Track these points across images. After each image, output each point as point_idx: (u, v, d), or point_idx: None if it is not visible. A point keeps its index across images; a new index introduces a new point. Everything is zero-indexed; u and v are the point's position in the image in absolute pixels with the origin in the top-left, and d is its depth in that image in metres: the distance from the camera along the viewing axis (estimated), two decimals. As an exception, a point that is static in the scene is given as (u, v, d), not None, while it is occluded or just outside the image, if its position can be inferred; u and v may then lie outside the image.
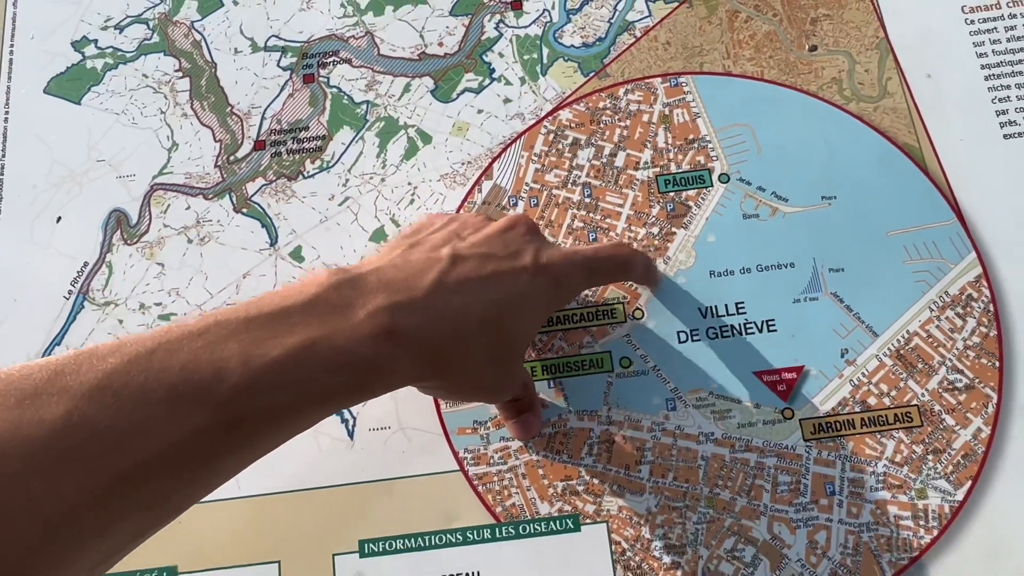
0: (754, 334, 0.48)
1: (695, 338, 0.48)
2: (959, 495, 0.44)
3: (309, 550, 0.45)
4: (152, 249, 0.53)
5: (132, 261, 0.53)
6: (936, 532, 0.43)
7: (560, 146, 0.53)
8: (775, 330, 0.48)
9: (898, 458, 0.45)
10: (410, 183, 0.53)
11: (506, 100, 0.54)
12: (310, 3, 0.58)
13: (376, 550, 0.45)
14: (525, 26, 0.57)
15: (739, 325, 0.48)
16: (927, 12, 0.55)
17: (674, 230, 0.50)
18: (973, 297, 0.47)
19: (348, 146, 0.54)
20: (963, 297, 0.47)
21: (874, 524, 0.44)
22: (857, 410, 0.46)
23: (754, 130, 0.52)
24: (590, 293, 0.49)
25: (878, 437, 0.45)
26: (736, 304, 0.48)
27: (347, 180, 0.53)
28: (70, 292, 0.52)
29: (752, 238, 0.50)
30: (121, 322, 0.51)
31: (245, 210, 0.53)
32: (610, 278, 0.47)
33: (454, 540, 0.45)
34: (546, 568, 0.44)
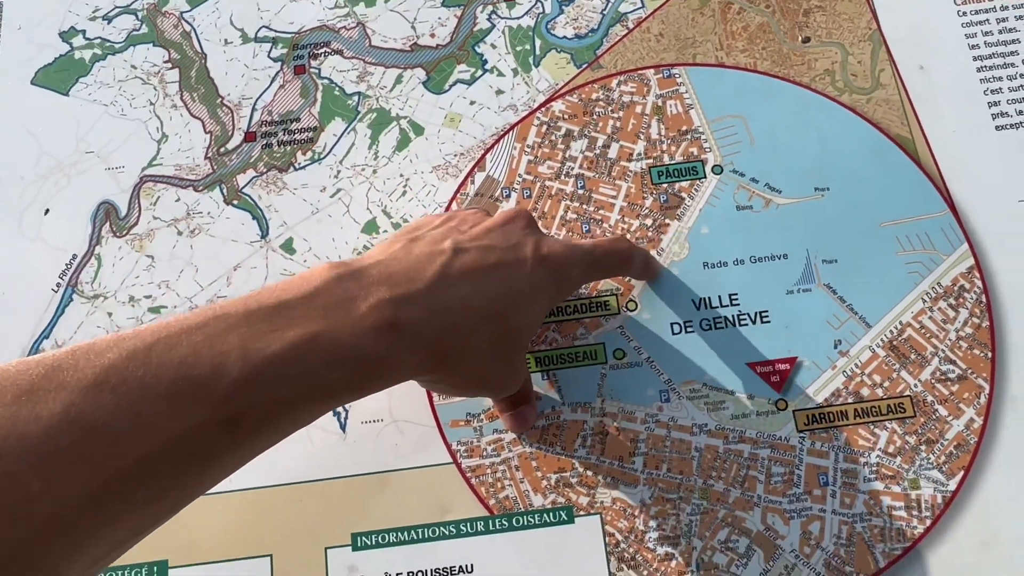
0: (748, 325, 0.48)
1: (689, 329, 0.48)
2: (952, 485, 0.44)
3: (301, 544, 0.45)
4: (142, 241, 0.52)
5: (121, 253, 0.52)
6: (929, 522, 0.44)
7: (553, 137, 0.52)
8: (768, 321, 0.48)
9: (891, 449, 0.45)
10: (402, 175, 0.53)
11: (499, 91, 0.54)
12: (301, -6, 0.58)
13: (369, 543, 0.45)
14: (518, 17, 0.56)
15: (733, 316, 0.48)
16: (919, 4, 0.55)
17: (668, 221, 0.50)
18: (965, 288, 0.47)
19: (340, 138, 0.54)
20: (955, 288, 0.48)
21: (867, 514, 0.44)
22: (850, 401, 0.46)
23: (747, 121, 0.52)
24: (584, 285, 0.49)
25: (871, 428, 0.45)
26: (730, 295, 0.48)
27: (339, 172, 0.53)
28: (58, 285, 0.52)
29: (745, 229, 0.50)
30: (110, 315, 0.51)
31: (236, 202, 0.53)
32: (610, 272, 0.47)
33: (447, 533, 0.45)
34: (540, 560, 0.44)
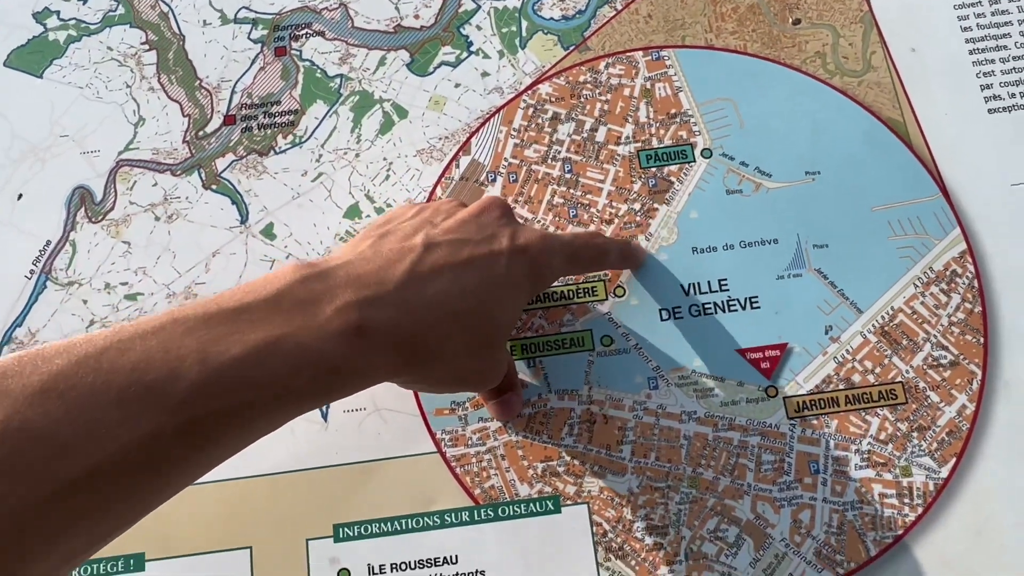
0: (737, 311, 0.47)
1: (677, 316, 0.47)
2: (944, 472, 0.43)
3: (282, 535, 0.44)
4: (118, 227, 0.51)
5: (97, 239, 0.51)
6: (921, 510, 0.43)
7: (540, 120, 0.51)
8: (758, 307, 0.47)
9: (882, 436, 0.44)
10: (385, 159, 0.52)
11: (484, 74, 0.53)
12: (282, -26, 0.57)
13: (351, 534, 0.44)
14: (503, -2, 0.55)
15: (722, 302, 0.47)
16: (911, -14, 0.54)
17: (656, 206, 0.49)
18: (958, 273, 0.47)
19: (321, 121, 0.53)
20: (947, 273, 0.47)
21: (858, 502, 0.43)
22: (841, 387, 0.45)
23: (737, 104, 0.51)
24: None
25: (862, 415, 0.45)
26: (719, 281, 0.47)
27: (320, 156, 0.52)
28: (32, 272, 0.50)
29: (735, 214, 0.49)
30: (85, 302, 0.49)
31: (215, 187, 0.52)
32: (589, 266, 0.46)
33: (432, 523, 0.44)
34: (526, 551, 0.43)
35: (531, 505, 0.44)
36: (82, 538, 0.28)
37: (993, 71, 0.51)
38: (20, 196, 0.52)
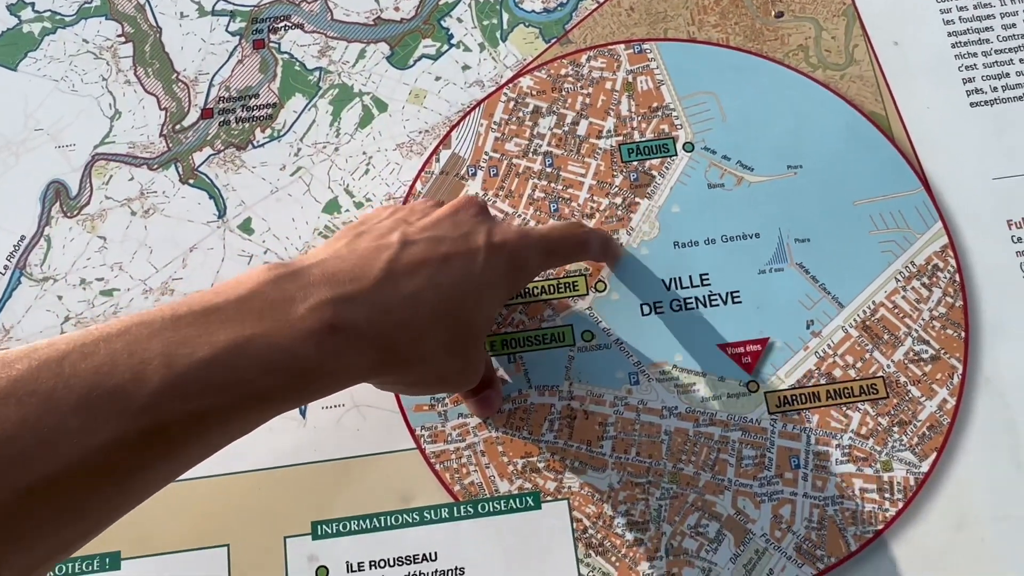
0: (719, 306, 0.47)
1: (658, 310, 0.47)
2: (924, 467, 0.43)
3: (259, 533, 0.44)
4: (93, 222, 0.50)
5: (72, 234, 0.50)
6: (901, 504, 0.43)
7: (521, 114, 0.51)
8: (740, 302, 0.47)
9: (863, 430, 0.44)
10: (365, 152, 0.51)
11: (465, 67, 0.53)
12: (260, -34, 0.56)
13: (330, 532, 0.44)
14: (485, -9, 0.55)
15: (703, 297, 0.47)
16: (894, -21, 0.54)
17: (637, 200, 0.49)
18: (939, 267, 0.47)
19: (300, 114, 0.52)
20: (929, 267, 0.47)
21: (839, 497, 0.43)
22: (822, 382, 0.45)
23: (719, 98, 0.51)
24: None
25: (843, 409, 0.44)
26: (700, 275, 0.47)
27: (299, 149, 0.51)
28: (6, 267, 0.50)
29: (717, 208, 0.48)
30: (60, 298, 0.49)
31: (192, 181, 0.51)
32: (568, 258, 0.45)
33: (411, 520, 0.44)
34: (506, 547, 0.43)
35: (511, 501, 0.44)
36: (42, 548, 0.27)
37: (975, 65, 0.51)
38: (-6, 191, 0.51)
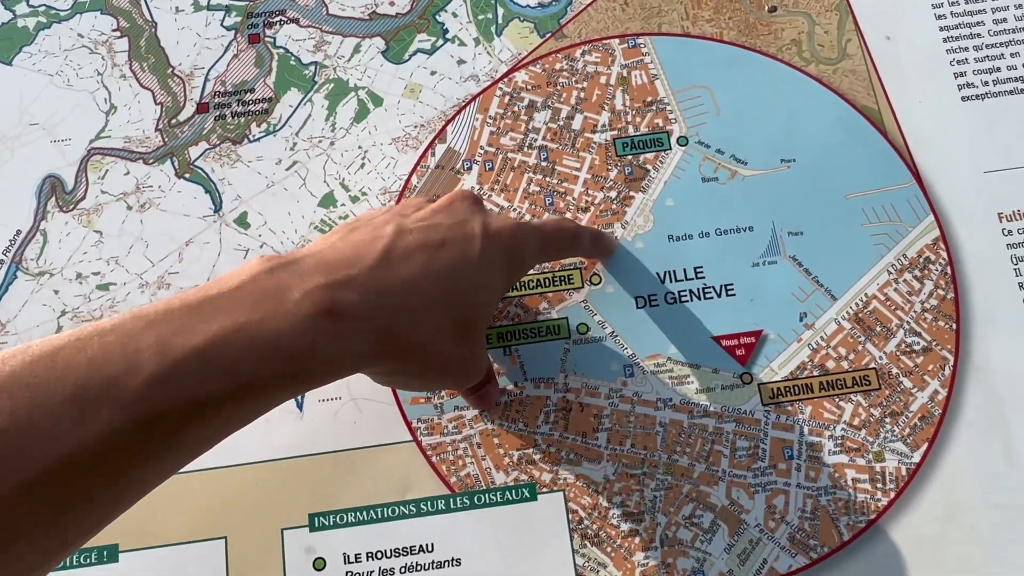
0: (713, 299, 0.47)
1: (653, 303, 0.47)
2: (916, 457, 0.44)
3: (257, 525, 0.44)
4: (89, 216, 0.50)
5: (68, 229, 0.50)
6: (893, 494, 0.43)
7: (516, 108, 0.51)
8: (734, 294, 0.47)
9: (856, 421, 0.44)
10: (360, 147, 0.51)
11: (460, 61, 0.53)
12: (255, -40, 0.56)
13: (327, 524, 0.44)
14: (480, -15, 0.55)
15: (698, 290, 0.47)
16: (886, -26, 0.54)
17: (632, 194, 0.49)
18: (931, 260, 0.47)
19: (296, 109, 0.52)
20: (921, 260, 0.47)
21: (832, 487, 0.43)
22: (815, 374, 0.45)
23: (713, 92, 0.51)
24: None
25: (836, 401, 0.45)
26: (695, 268, 0.48)
27: (295, 144, 0.51)
28: (1, 262, 0.50)
29: (711, 202, 0.49)
30: (57, 292, 0.49)
31: (188, 175, 0.51)
32: (562, 251, 0.45)
33: (407, 512, 0.44)
34: (502, 538, 0.43)
35: (507, 493, 0.44)
36: (44, 544, 0.27)
37: (967, 59, 0.52)
38: (-11, 185, 0.51)
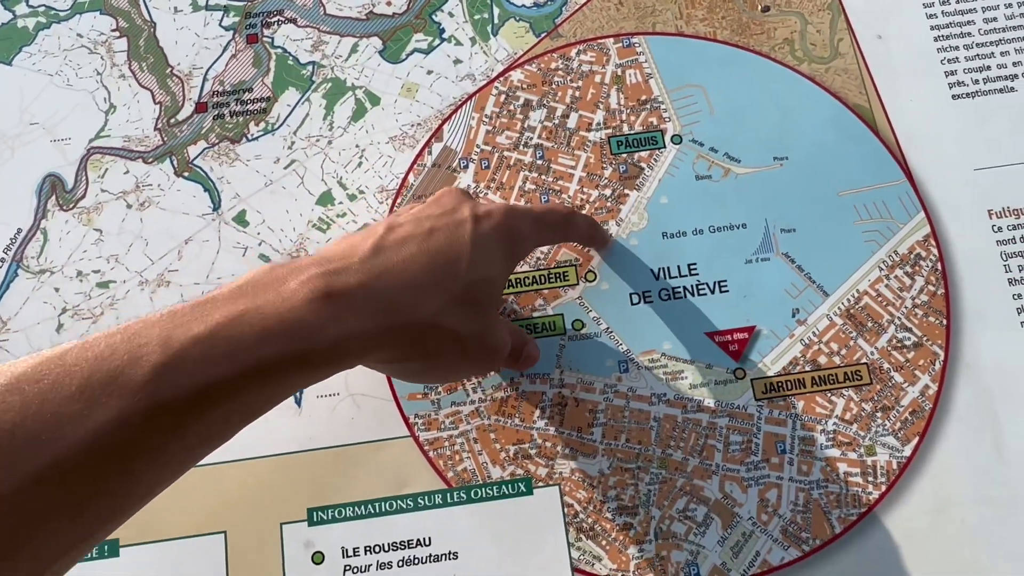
0: (706, 295, 0.47)
1: (647, 300, 0.48)
2: (907, 451, 0.44)
3: (256, 519, 0.44)
4: (89, 215, 0.51)
5: (68, 227, 0.51)
6: (884, 488, 0.44)
7: (511, 107, 0.52)
8: (727, 291, 0.47)
9: (848, 416, 0.45)
10: (358, 146, 0.52)
11: (456, 61, 0.53)
12: (253, -39, 0.56)
13: (325, 518, 0.44)
14: (476, -15, 0.55)
15: (691, 286, 0.48)
16: (878, -26, 0.54)
17: (627, 192, 0.50)
18: (922, 256, 0.48)
19: (294, 108, 0.53)
20: (912, 256, 0.48)
21: (824, 481, 0.44)
22: (808, 369, 0.46)
23: (707, 91, 0.51)
24: (542, 255, 0.48)
25: (828, 395, 0.45)
26: (688, 265, 0.48)
27: (293, 143, 0.52)
28: (2, 260, 0.50)
29: (704, 199, 0.49)
30: (57, 290, 0.49)
31: (187, 174, 0.51)
32: (558, 232, 0.45)
33: (405, 506, 0.45)
34: (499, 532, 0.44)
35: (503, 487, 0.45)
36: (58, 539, 0.27)
37: (957, 57, 0.52)
38: (-10, 184, 0.52)
